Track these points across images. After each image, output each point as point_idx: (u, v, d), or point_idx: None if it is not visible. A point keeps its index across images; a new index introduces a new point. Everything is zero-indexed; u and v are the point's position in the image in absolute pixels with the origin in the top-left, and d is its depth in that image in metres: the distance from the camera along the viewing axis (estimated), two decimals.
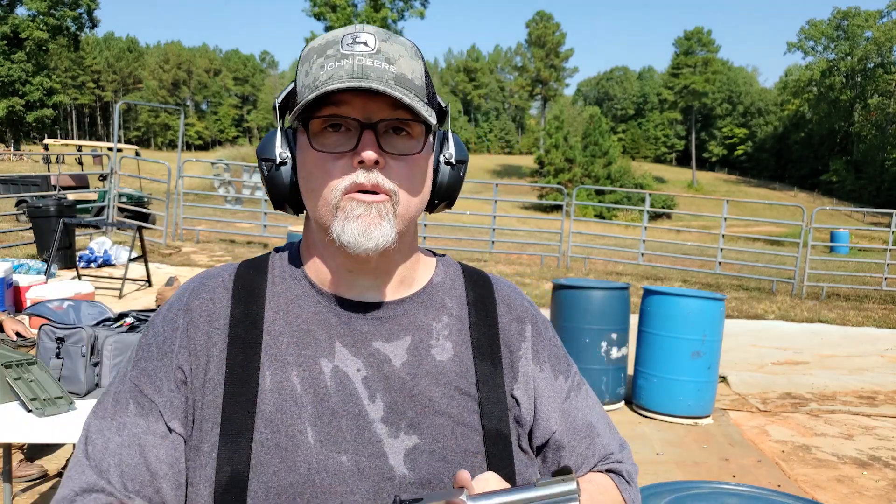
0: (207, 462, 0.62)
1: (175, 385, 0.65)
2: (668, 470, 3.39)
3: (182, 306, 0.68)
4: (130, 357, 0.68)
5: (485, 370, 0.69)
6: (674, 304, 4.07)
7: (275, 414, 0.62)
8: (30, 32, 39.43)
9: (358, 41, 0.63)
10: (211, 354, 0.65)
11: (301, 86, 0.65)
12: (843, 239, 19.65)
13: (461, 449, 0.65)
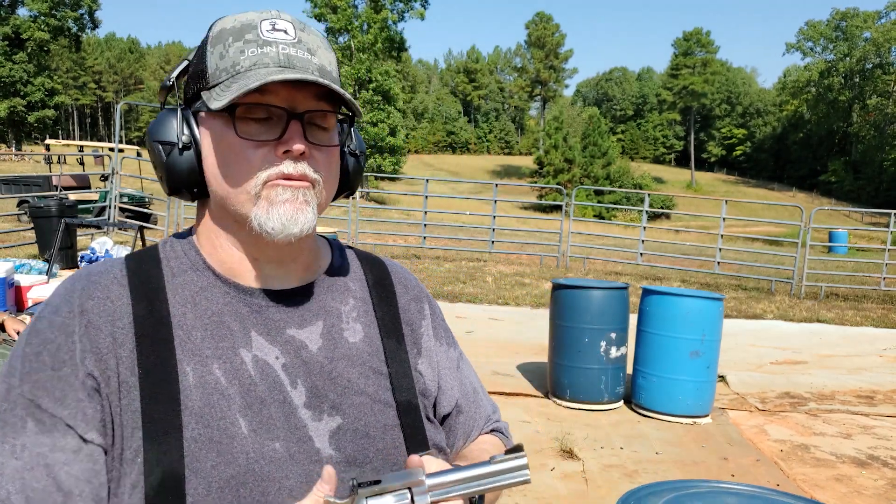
0: (132, 468, 0.58)
1: (86, 394, 0.58)
2: (667, 469, 3.40)
3: (74, 308, 0.61)
4: (11, 371, 0.59)
5: (392, 348, 0.72)
6: (673, 304, 4.08)
7: (204, 409, 0.60)
8: (31, 33, 39.45)
9: (277, 28, 0.64)
10: (120, 356, 0.60)
11: (215, 68, 0.63)
12: (841, 239, 19.66)
13: (380, 424, 0.68)
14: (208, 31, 0.66)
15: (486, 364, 5.24)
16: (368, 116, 36.32)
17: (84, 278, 0.64)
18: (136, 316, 0.62)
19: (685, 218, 35.15)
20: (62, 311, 0.61)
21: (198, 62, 0.65)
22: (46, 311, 0.62)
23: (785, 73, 72.44)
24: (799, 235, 10.30)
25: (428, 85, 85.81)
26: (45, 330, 0.61)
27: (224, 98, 0.60)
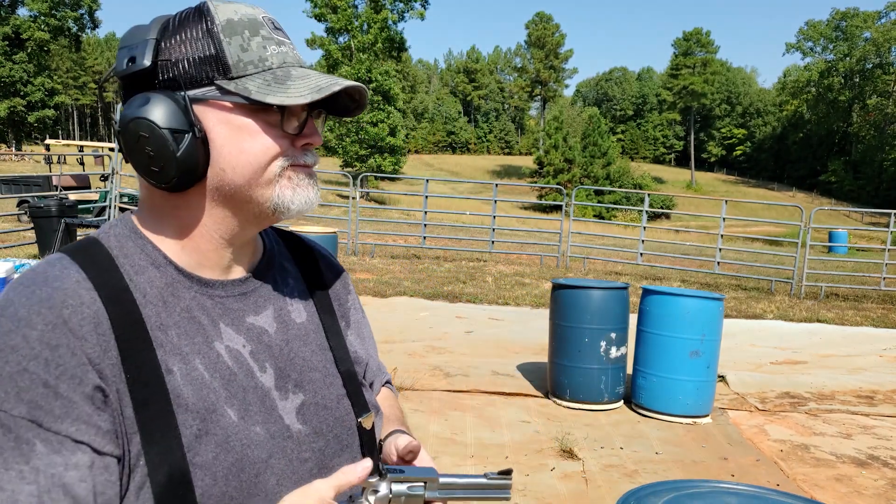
0: (136, 471, 0.58)
1: (94, 407, 0.57)
2: (667, 469, 3.40)
3: (50, 319, 0.57)
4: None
5: (329, 323, 0.78)
6: (673, 304, 4.08)
7: (196, 404, 0.62)
8: (31, 33, 39.45)
9: (276, 27, 0.67)
10: (109, 363, 0.58)
11: (238, 59, 0.63)
12: (841, 239, 19.67)
13: (334, 395, 0.73)
14: (204, 18, 0.64)
15: (486, 364, 5.24)
16: (368, 116, 36.31)
17: (43, 284, 0.59)
18: (112, 320, 0.60)
19: (685, 218, 35.17)
20: (35, 323, 0.57)
21: (200, 47, 0.63)
22: (8, 326, 0.56)
23: (785, 73, 72.48)
24: (799, 235, 10.30)
25: (428, 85, 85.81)
26: (21, 346, 0.56)
27: (290, 94, 0.62)
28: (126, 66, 0.63)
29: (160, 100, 0.62)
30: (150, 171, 0.63)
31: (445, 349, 5.65)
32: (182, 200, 0.66)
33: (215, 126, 0.64)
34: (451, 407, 4.23)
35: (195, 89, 0.63)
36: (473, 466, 3.32)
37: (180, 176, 0.63)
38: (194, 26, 0.64)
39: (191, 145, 0.62)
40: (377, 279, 8.98)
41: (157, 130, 0.61)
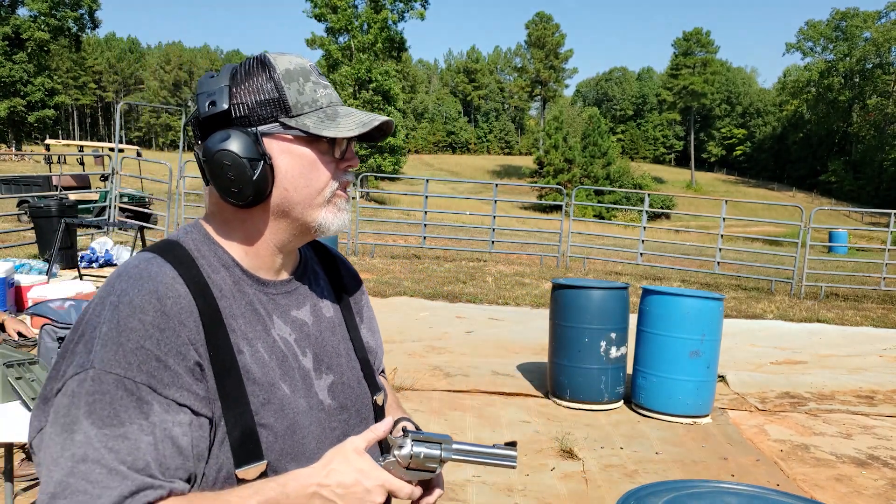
0: (219, 429, 0.75)
1: (193, 378, 0.73)
2: (667, 469, 3.40)
3: (159, 308, 0.72)
4: (115, 364, 0.69)
5: (348, 317, 0.95)
6: (673, 304, 4.08)
7: (261, 379, 0.78)
8: (31, 33, 39.44)
9: (320, 74, 0.84)
10: (200, 344, 0.74)
11: (296, 101, 0.79)
12: (841, 239, 19.67)
13: (355, 377, 0.91)
14: (267, 69, 0.80)
15: (486, 364, 5.24)
16: None
17: (148, 279, 0.74)
18: (199, 309, 0.75)
19: (685, 218, 35.16)
20: (147, 310, 0.72)
21: (265, 92, 0.79)
22: (123, 311, 0.72)
23: (785, 73, 72.46)
24: (799, 235, 10.30)
25: (428, 85, 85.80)
26: (138, 328, 0.71)
27: (341, 128, 0.79)
28: (207, 108, 0.79)
29: (237, 135, 0.78)
30: (230, 191, 0.78)
31: (445, 349, 5.65)
32: (249, 215, 0.82)
33: (280, 155, 0.80)
34: (451, 407, 4.23)
35: (263, 125, 0.79)
36: (474, 467, 3.32)
37: (254, 195, 0.78)
38: (259, 75, 0.80)
39: (263, 171, 0.78)
40: (377, 279, 8.98)
41: (237, 159, 0.77)
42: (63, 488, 0.66)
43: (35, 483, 2.79)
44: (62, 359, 0.73)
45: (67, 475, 0.67)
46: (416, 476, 0.80)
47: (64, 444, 0.68)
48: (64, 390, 0.70)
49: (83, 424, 0.68)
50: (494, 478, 3.20)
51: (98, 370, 0.69)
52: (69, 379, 0.70)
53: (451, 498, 2.97)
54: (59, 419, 0.69)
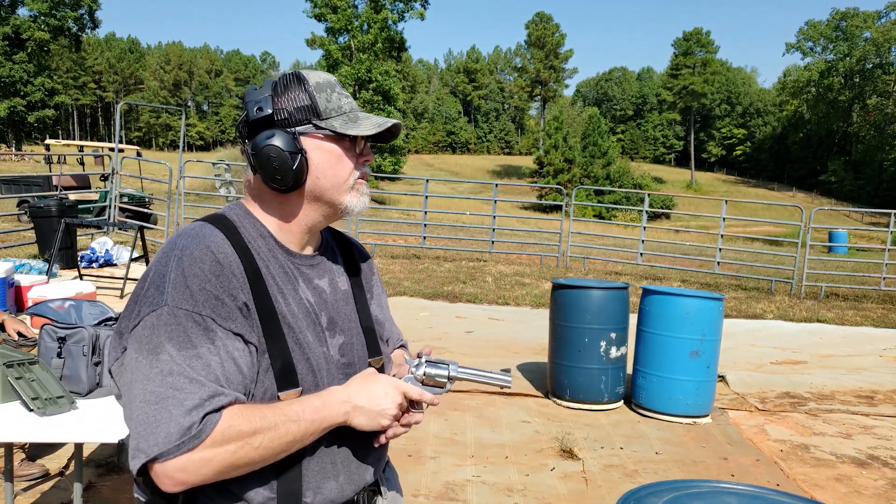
0: (262, 360, 0.93)
1: (242, 315, 0.91)
2: (667, 469, 3.40)
3: (215, 260, 0.92)
4: (183, 302, 0.88)
5: (358, 293, 1.13)
6: (673, 304, 4.08)
7: (293, 325, 0.97)
8: (31, 33, 39.41)
9: (342, 86, 1.04)
10: (246, 292, 0.93)
11: (325, 107, 0.99)
12: (841, 239, 19.67)
13: (360, 341, 1.08)
14: (302, 82, 0.99)
15: (486, 364, 5.24)
16: None
17: (203, 238, 0.93)
18: (243, 265, 0.94)
19: (685, 218, 35.15)
20: (205, 261, 0.90)
21: (301, 100, 0.98)
22: (186, 262, 0.90)
23: (785, 73, 72.44)
24: (799, 235, 10.30)
25: (428, 85, 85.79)
26: (199, 274, 0.89)
27: (362, 128, 1.00)
28: (255, 112, 0.97)
29: (280, 134, 0.97)
30: (274, 178, 0.97)
31: (445, 349, 5.65)
32: (287, 199, 1.01)
33: (313, 150, 1.00)
34: (451, 407, 4.23)
35: (299, 126, 0.99)
36: (474, 467, 3.32)
37: (293, 182, 0.98)
38: (296, 86, 1.00)
39: (300, 162, 0.97)
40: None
41: (281, 152, 0.96)
42: (156, 397, 0.84)
43: (35, 483, 2.79)
44: (135, 303, 0.91)
45: (159, 386, 0.84)
46: (431, 390, 1.04)
47: (152, 364, 0.86)
48: (143, 324, 0.88)
49: (166, 347, 0.86)
50: (494, 478, 3.20)
51: (171, 307, 0.87)
52: (146, 316, 0.88)
53: (451, 498, 2.97)
54: (144, 346, 0.87)
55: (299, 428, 0.91)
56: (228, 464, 0.86)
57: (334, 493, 0.99)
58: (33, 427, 1.80)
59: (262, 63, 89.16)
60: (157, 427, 0.83)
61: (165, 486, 0.85)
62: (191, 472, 0.84)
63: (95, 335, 2.07)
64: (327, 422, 0.94)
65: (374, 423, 0.97)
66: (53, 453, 3.01)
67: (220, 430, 0.85)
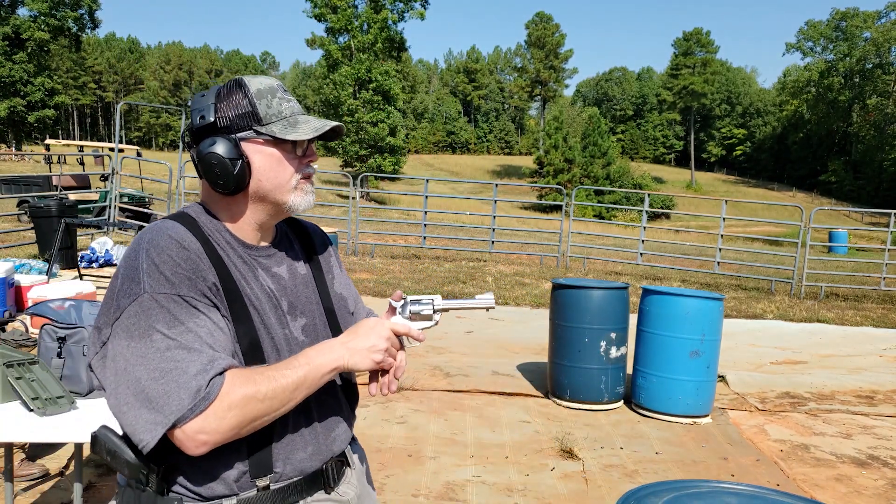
0: (232, 337, 1.00)
1: (213, 294, 0.98)
2: (667, 469, 3.40)
3: (183, 247, 0.97)
4: (161, 287, 0.94)
5: (317, 275, 1.19)
6: (673, 304, 4.08)
7: (258, 307, 1.04)
8: (31, 33, 39.40)
9: (285, 89, 1.08)
10: (213, 274, 0.99)
11: (265, 113, 1.03)
12: (841, 239, 19.67)
13: (322, 321, 1.15)
14: (242, 88, 1.04)
15: (486, 364, 5.24)
16: (368, 116, 36.31)
17: (170, 231, 0.99)
18: (207, 254, 1.00)
19: (685, 218, 35.14)
20: (172, 248, 0.96)
21: (242, 107, 1.03)
22: (155, 252, 0.96)
23: (785, 73, 72.45)
24: (799, 235, 10.30)
25: (428, 85, 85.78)
26: (169, 261, 0.95)
27: (300, 133, 1.04)
28: (198, 121, 1.03)
29: (222, 141, 1.02)
30: (217, 183, 1.03)
31: (445, 349, 5.65)
32: (233, 201, 1.07)
33: (254, 154, 1.04)
34: (451, 407, 4.23)
35: (240, 132, 1.04)
36: (474, 467, 3.32)
37: (235, 186, 1.03)
38: (237, 93, 1.04)
39: (241, 167, 1.02)
40: (377, 279, 8.98)
41: (222, 159, 1.01)
42: (160, 372, 0.90)
43: (35, 483, 2.79)
44: (112, 298, 0.95)
45: (159, 362, 0.91)
46: (419, 325, 1.13)
47: (146, 345, 0.91)
48: (126, 314, 0.93)
49: (156, 328, 0.92)
50: (494, 478, 3.20)
51: (150, 293, 0.93)
52: (128, 307, 0.93)
53: (451, 498, 2.97)
54: (134, 332, 0.92)
55: (299, 375, 0.98)
56: (241, 418, 0.93)
57: (304, 463, 1.05)
58: (33, 427, 1.80)
59: (262, 63, 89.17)
60: (168, 398, 0.89)
61: (190, 449, 0.91)
62: (210, 431, 0.91)
63: None
64: (326, 367, 1.01)
65: (368, 361, 1.04)
66: (53, 453, 3.01)
67: (226, 389, 0.91)
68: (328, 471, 1.10)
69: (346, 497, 1.13)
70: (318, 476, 1.08)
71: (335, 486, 1.11)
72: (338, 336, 1.08)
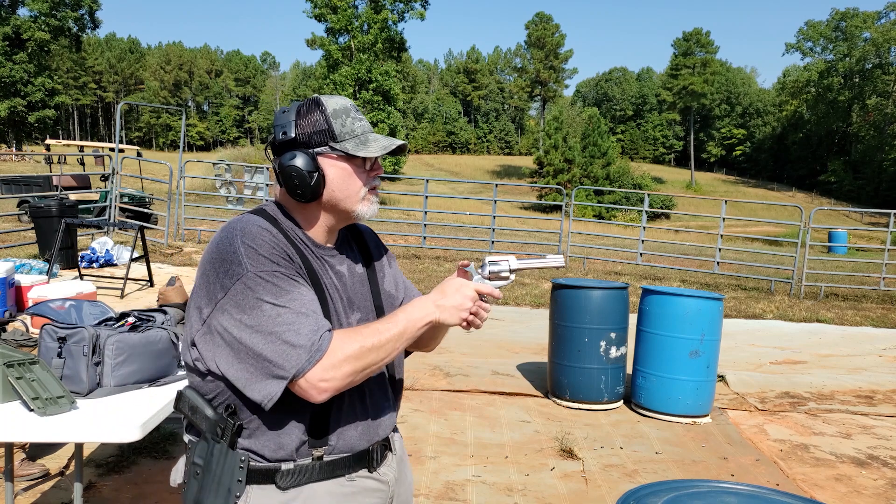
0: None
1: (300, 275, 1.11)
2: (666, 469, 3.41)
3: (268, 231, 1.11)
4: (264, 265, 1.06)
5: (371, 275, 1.31)
6: (672, 304, 4.08)
7: (331, 294, 1.18)
8: (31, 33, 39.41)
9: (357, 109, 1.20)
10: (298, 260, 1.13)
11: (340, 131, 1.16)
12: (841, 239, 19.69)
13: (373, 317, 1.25)
14: (320, 108, 1.16)
15: (486, 364, 5.24)
16: (369, 117, 36.32)
17: (254, 219, 1.13)
18: (292, 246, 1.13)
19: (685, 218, 35.13)
20: (263, 234, 1.10)
21: (319, 125, 1.15)
22: (248, 239, 1.08)
23: (785, 73, 72.46)
24: (798, 235, 10.30)
25: (428, 85, 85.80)
26: (263, 244, 1.08)
27: (370, 150, 1.16)
28: (281, 136, 1.15)
29: (301, 155, 1.14)
30: (295, 192, 1.15)
31: (445, 349, 5.65)
32: (307, 207, 1.19)
33: (329, 168, 1.16)
34: (451, 407, 4.23)
35: (317, 148, 1.15)
36: (474, 466, 3.33)
37: (312, 195, 1.15)
38: (315, 112, 1.16)
39: (317, 179, 1.14)
40: None
41: (301, 172, 1.13)
42: (275, 335, 1.03)
43: (35, 483, 2.79)
44: (214, 280, 1.07)
45: (273, 326, 1.03)
46: (497, 284, 1.25)
47: (258, 315, 1.03)
48: (233, 292, 1.05)
49: (265, 299, 1.04)
50: (494, 478, 3.21)
51: (253, 272, 1.05)
52: (233, 286, 1.05)
53: (451, 498, 2.97)
54: (244, 306, 1.04)
55: (399, 328, 1.11)
56: (354, 366, 1.06)
57: (354, 441, 1.16)
58: (34, 427, 1.80)
59: (263, 63, 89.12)
60: (286, 354, 1.02)
61: (313, 396, 1.05)
62: (329, 379, 1.04)
63: (96, 335, 2.07)
64: (421, 321, 1.14)
65: (456, 318, 1.18)
66: (53, 453, 3.01)
67: (335, 343, 1.05)
68: (373, 451, 1.20)
69: (385, 478, 1.23)
70: (364, 455, 1.18)
71: (377, 466, 1.21)
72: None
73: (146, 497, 2.74)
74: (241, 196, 16.50)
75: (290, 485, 1.10)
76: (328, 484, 1.14)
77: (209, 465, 1.10)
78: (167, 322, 2.29)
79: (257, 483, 1.10)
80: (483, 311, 1.24)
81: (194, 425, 1.14)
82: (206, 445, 1.11)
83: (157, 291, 6.78)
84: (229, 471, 1.10)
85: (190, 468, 1.13)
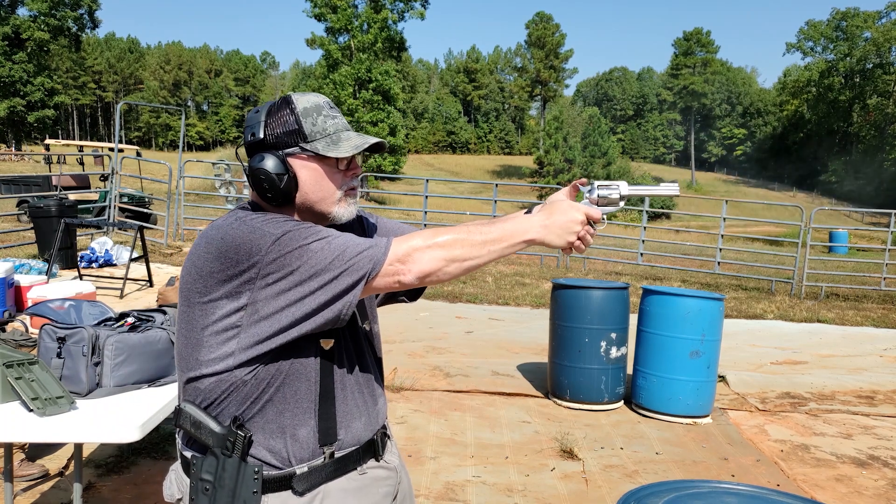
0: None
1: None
2: (667, 469, 3.40)
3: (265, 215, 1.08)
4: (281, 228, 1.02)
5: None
6: (673, 304, 4.07)
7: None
8: (31, 33, 39.44)
9: (332, 107, 1.14)
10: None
11: (311, 130, 1.10)
12: (841, 239, 19.68)
13: (375, 316, 1.28)
14: (290, 106, 1.10)
15: (486, 364, 5.24)
16: (368, 116, 36.31)
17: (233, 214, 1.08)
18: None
19: (685, 218, 35.12)
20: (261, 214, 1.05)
21: (289, 125, 1.09)
22: (250, 218, 1.04)
23: (785, 72, 72.43)
24: (799, 235, 10.30)
25: (428, 85, 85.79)
26: (270, 218, 1.04)
27: (341, 150, 1.09)
28: (250, 138, 1.11)
29: (270, 157, 1.09)
30: (266, 196, 1.10)
31: (445, 349, 5.65)
32: (281, 210, 1.13)
33: (300, 170, 1.11)
34: (451, 407, 4.23)
35: (287, 149, 1.10)
36: (474, 467, 3.32)
37: (282, 199, 1.10)
38: (284, 110, 1.11)
39: (287, 182, 1.09)
40: None
41: (269, 175, 1.08)
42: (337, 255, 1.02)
43: (35, 483, 2.79)
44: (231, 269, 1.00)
45: (329, 253, 1.01)
46: (606, 210, 1.17)
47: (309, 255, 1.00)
48: (266, 261, 0.99)
49: (308, 243, 1.01)
50: (494, 478, 3.20)
51: (280, 234, 1.01)
52: (263, 258, 0.99)
53: (451, 498, 2.96)
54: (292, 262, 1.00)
55: (495, 230, 1.07)
56: (440, 251, 1.04)
57: (360, 433, 1.15)
58: (33, 427, 1.80)
59: (262, 63, 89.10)
60: (358, 259, 1.01)
61: (406, 279, 1.04)
62: (416, 260, 1.03)
63: (95, 335, 2.07)
64: (521, 236, 1.09)
65: (562, 240, 1.12)
66: (53, 453, 3.00)
67: (416, 233, 1.08)
68: (377, 440, 1.20)
69: (392, 464, 1.23)
70: (370, 445, 1.18)
71: (383, 454, 1.21)
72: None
73: (146, 497, 2.74)
74: (241, 196, 16.49)
75: (307, 488, 1.08)
76: (341, 481, 1.13)
77: (222, 481, 1.05)
78: (167, 322, 2.29)
79: (273, 491, 1.07)
80: (589, 236, 1.16)
81: (198, 441, 1.08)
82: (214, 461, 1.06)
83: (156, 291, 6.78)
84: (243, 484, 1.06)
85: (197, 484, 1.08)
